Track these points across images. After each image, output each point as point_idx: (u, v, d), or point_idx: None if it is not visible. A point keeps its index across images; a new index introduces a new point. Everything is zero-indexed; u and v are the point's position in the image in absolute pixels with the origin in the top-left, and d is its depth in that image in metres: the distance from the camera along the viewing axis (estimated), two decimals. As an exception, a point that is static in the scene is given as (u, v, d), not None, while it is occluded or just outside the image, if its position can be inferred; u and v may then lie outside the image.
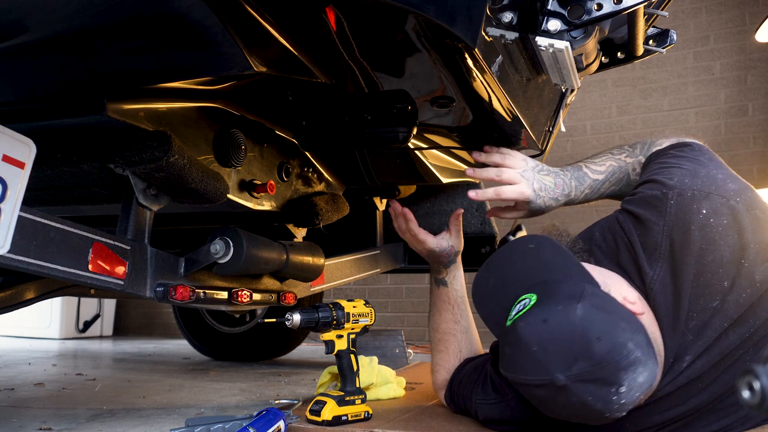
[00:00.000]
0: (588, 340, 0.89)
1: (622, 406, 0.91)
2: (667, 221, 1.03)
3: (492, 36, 1.01)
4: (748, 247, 0.99)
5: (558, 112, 1.59)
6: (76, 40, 1.07)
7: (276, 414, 1.24)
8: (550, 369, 0.90)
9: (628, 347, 0.90)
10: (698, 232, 1.00)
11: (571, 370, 0.89)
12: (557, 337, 0.91)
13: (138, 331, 5.16)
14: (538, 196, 1.29)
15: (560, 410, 0.96)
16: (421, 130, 1.69)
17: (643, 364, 0.91)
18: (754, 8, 3.94)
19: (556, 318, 0.92)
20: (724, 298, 1.00)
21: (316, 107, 1.43)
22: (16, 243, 0.90)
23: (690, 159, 1.12)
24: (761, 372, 0.51)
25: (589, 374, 0.89)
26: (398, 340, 2.69)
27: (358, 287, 4.47)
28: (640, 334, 0.93)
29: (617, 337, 0.90)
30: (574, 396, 0.90)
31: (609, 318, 0.92)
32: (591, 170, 1.31)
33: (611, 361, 0.89)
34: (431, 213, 2.30)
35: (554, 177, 1.32)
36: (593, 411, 0.91)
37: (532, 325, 0.94)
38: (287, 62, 1.15)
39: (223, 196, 1.29)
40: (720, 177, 1.05)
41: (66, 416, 1.64)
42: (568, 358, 0.89)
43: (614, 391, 0.89)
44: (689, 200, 1.02)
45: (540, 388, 0.93)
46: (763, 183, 3.48)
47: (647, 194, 1.09)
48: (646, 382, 0.92)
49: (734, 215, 1.00)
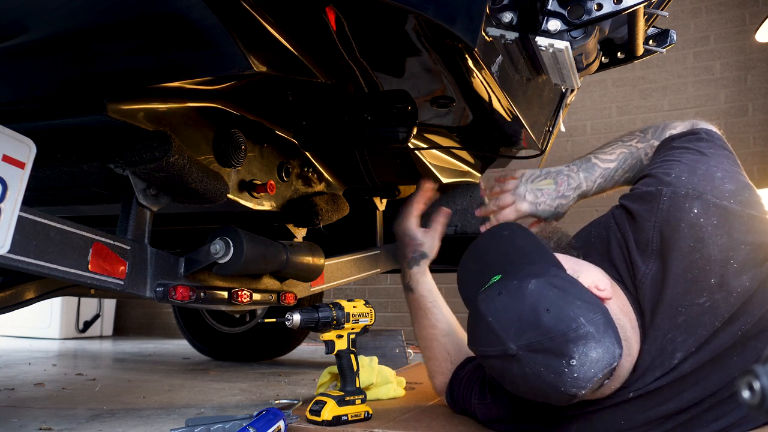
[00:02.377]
0: (537, 312, 0.94)
1: (576, 381, 0.93)
2: (658, 217, 1.05)
3: (492, 36, 1.01)
4: (738, 248, 1.00)
5: (558, 112, 1.59)
6: (76, 39, 1.07)
7: (276, 414, 1.24)
8: (503, 338, 0.95)
9: (579, 321, 0.93)
10: (688, 229, 1.02)
11: (521, 339, 0.94)
12: (509, 308, 0.96)
13: (138, 331, 5.16)
14: (537, 203, 1.33)
15: (519, 384, 0.99)
16: (421, 130, 1.69)
17: (596, 340, 0.93)
18: (754, 8, 3.94)
19: (510, 291, 0.98)
20: (712, 296, 1.00)
21: (316, 107, 1.43)
22: (16, 243, 0.90)
23: (694, 151, 1.12)
24: (761, 372, 0.51)
25: (539, 344, 0.93)
26: (398, 340, 2.69)
27: (358, 287, 4.47)
28: (597, 314, 0.96)
29: (567, 311, 0.94)
30: (527, 366, 0.94)
31: (563, 294, 0.96)
32: (600, 160, 1.32)
33: (559, 332, 0.93)
34: (431, 213, 2.30)
35: (554, 177, 1.33)
36: (548, 385, 0.94)
37: (488, 298, 1.00)
38: (287, 62, 1.15)
39: (223, 196, 1.29)
40: (719, 175, 1.05)
41: (66, 416, 1.64)
42: (519, 328, 0.94)
43: (565, 363, 0.93)
44: (682, 199, 1.03)
45: (496, 359, 0.98)
46: (763, 183, 3.48)
47: (642, 190, 1.10)
48: (600, 360, 0.93)
49: (725, 216, 1.01)
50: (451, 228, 2.26)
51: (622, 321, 1.03)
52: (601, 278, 1.05)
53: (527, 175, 1.36)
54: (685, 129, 1.21)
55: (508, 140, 1.70)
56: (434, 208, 1.67)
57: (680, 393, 1.04)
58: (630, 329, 1.04)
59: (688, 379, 1.04)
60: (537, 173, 1.36)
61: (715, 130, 1.20)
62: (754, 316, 1.01)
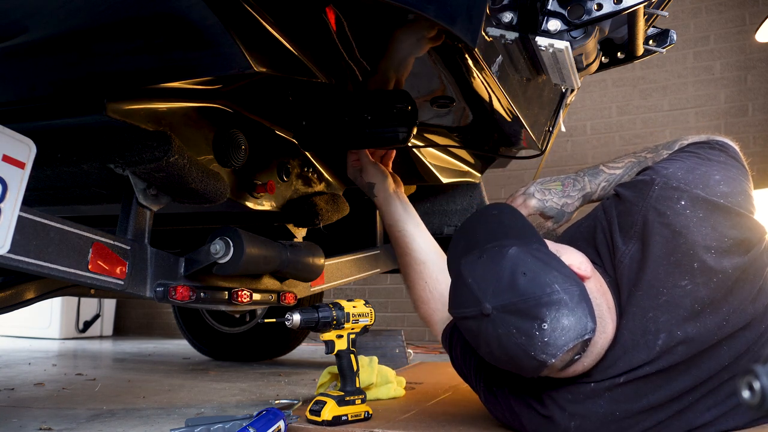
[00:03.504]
0: (514, 274, 0.98)
1: (546, 346, 0.96)
2: (646, 203, 1.07)
3: (492, 36, 1.01)
4: (722, 239, 1.01)
5: (558, 112, 1.59)
6: (76, 40, 1.07)
7: (276, 414, 1.24)
8: (479, 298, 0.99)
9: (554, 287, 0.97)
10: (673, 218, 1.03)
11: (497, 300, 0.98)
12: (488, 270, 1.01)
13: (138, 331, 5.16)
14: (545, 200, 1.39)
15: (493, 347, 1.01)
16: (421, 130, 1.69)
17: (569, 308, 0.97)
18: (754, 8, 3.94)
19: (490, 255, 1.03)
20: (693, 280, 1.02)
21: (316, 107, 1.43)
22: (16, 243, 0.90)
23: (698, 156, 1.13)
24: (761, 372, 0.51)
25: (513, 305, 0.97)
26: (398, 340, 2.68)
27: (358, 287, 4.47)
28: (573, 286, 0.99)
29: (544, 277, 0.98)
30: (500, 327, 0.98)
31: (542, 264, 1.00)
32: (608, 167, 1.38)
33: (533, 295, 0.97)
34: (431, 213, 2.30)
35: (562, 180, 1.40)
36: (519, 347, 0.97)
37: (470, 262, 1.05)
38: (287, 62, 1.15)
39: (223, 196, 1.29)
40: (716, 178, 1.06)
41: (66, 416, 1.64)
42: (496, 289, 0.99)
43: (537, 327, 0.96)
44: (672, 190, 1.05)
45: (473, 320, 1.02)
46: (763, 183, 3.47)
47: (637, 179, 1.13)
48: (571, 329, 0.97)
49: (712, 210, 1.02)
50: (451, 228, 2.26)
51: (598, 300, 1.06)
52: (582, 260, 1.09)
53: (539, 180, 1.44)
54: (700, 140, 1.23)
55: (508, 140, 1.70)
56: (435, 208, 1.67)
57: (671, 381, 1.05)
58: (606, 309, 1.07)
59: (678, 367, 1.05)
60: (548, 178, 1.44)
61: (730, 143, 1.21)
62: (738, 308, 1.03)
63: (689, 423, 1.07)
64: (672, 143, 1.28)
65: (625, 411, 1.07)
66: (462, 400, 1.59)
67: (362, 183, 1.55)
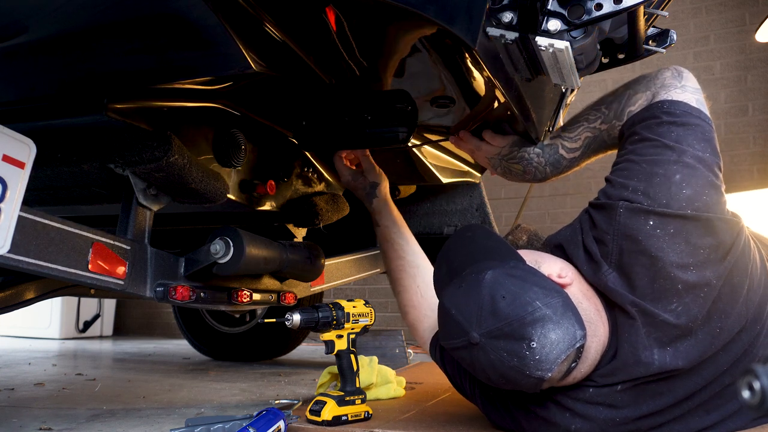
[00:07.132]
0: (494, 299, 0.99)
1: (539, 363, 0.97)
2: (616, 230, 1.06)
3: (492, 36, 1.01)
4: (697, 252, 1.01)
5: (558, 112, 1.59)
6: (76, 40, 1.07)
7: (276, 414, 1.24)
8: (466, 328, 1.00)
9: (535, 305, 0.97)
10: (645, 241, 1.03)
11: (482, 327, 0.99)
12: (469, 299, 1.02)
13: (138, 331, 5.16)
14: (505, 175, 1.46)
15: (489, 372, 1.02)
16: (421, 130, 1.69)
17: (554, 322, 0.97)
18: (754, 8, 3.94)
19: (468, 283, 1.04)
20: (682, 300, 1.02)
21: (316, 107, 1.43)
22: (16, 243, 0.90)
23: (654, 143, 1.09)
24: (761, 372, 0.51)
25: (499, 330, 0.98)
26: (398, 340, 2.69)
27: (358, 287, 4.47)
28: (554, 297, 1.00)
29: (523, 296, 0.98)
30: (491, 353, 0.99)
31: (520, 282, 1.01)
32: (566, 149, 1.38)
33: (516, 317, 0.97)
34: (431, 213, 2.30)
35: (525, 165, 1.41)
36: (514, 369, 0.98)
37: (450, 293, 1.06)
38: (287, 62, 1.15)
39: (223, 196, 1.29)
40: (677, 178, 1.04)
41: (66, 416, 1.64)
42: (479, 317, 0.99)
43: (526, 347, 0.97)
44: (638, 213, 1.04)
45: (464, 350, 1.02)
46: (763, 183, 3.48)
47: (602, 201, 1.11)
48: (561, 341, 0.97)
49: (682, 224, 1.02)
50: (451, 228, 2.26)
51: (584, 305, 1.06)
52: (562, 266, 1.09)
53: (506, 151, 1.43)
54: (646, 103, 1.19)
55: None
56: (435, 208, 1.68)
57: (671, 388, 1.05)
58: (594, 312, 1.07)
59: (678, 374, 1.04)
60: (513, 152, 1.42)
61: (677, 82, 1.17)
62: (730, 313, 1.03)
63: (690, 427, 1.07)
64: (623, 107, 1.23)
65: (625, 417, 1.07)
66: (462, 400, 1.59)
67: (362, 184, 1.55)
